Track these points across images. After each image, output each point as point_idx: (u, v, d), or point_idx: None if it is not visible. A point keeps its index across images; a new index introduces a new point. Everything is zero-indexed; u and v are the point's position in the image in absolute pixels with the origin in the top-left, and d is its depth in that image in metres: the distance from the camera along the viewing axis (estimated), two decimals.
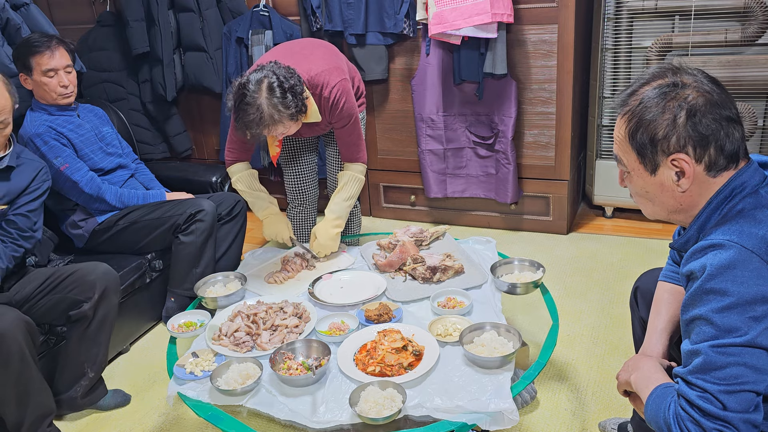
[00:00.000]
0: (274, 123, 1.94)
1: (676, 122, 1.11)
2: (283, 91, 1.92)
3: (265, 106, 1.90)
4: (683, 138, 1.11)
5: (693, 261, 1.11)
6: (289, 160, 2.55)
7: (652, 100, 1.13)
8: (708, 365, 1.05)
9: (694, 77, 1.14)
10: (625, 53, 3.03)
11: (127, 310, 2.51)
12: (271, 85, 1.91)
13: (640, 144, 1.15)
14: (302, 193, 2.62)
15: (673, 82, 1.13)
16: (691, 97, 1.11)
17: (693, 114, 1.10)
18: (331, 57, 2.25)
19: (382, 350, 1.60)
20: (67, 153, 2.47)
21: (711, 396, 1.04)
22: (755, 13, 2.72)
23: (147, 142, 3.79)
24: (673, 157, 1.12)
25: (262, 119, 1.91)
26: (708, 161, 1.12)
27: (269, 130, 1.96)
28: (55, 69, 2.42)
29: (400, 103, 3.35)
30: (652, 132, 1.13)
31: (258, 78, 1.92)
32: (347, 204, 2.29)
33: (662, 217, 1.24)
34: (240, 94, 1.92)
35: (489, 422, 1.41)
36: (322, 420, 1.44)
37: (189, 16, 3.49)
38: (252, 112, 1.90)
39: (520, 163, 3.21)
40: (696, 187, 1.15)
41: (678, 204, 1.18)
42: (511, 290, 1.90)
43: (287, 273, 2.15)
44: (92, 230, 2.55)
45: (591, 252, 3.05)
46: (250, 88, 1.90)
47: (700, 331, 1.07)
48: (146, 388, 2.31)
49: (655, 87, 1.15)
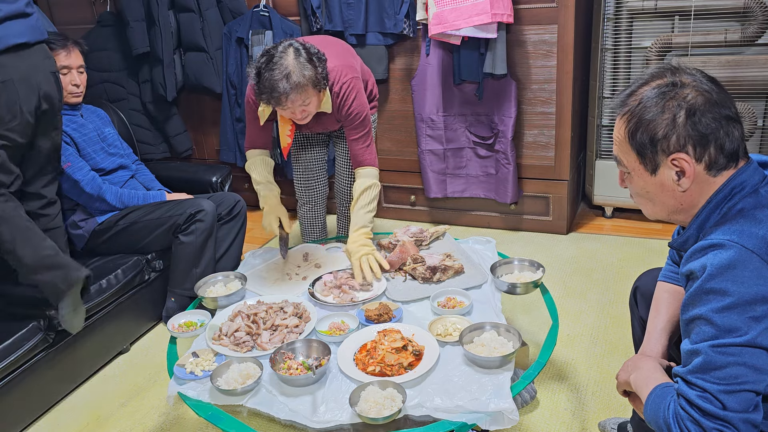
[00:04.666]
0: (300, 86, 1.92)
1: (676, 122, 1.11)
2: (309, 55, 1.96)
3: (292, 66, 1.91)
4: (683, 137, 1.11)
5: (693, 261, 1.11)
6: (299, 153, 2.54)
7: (652, 100, 1.13)
8: (708, 365, 1.05)
9: (692, 77, 1.14)
10: (625, 53, 3.03)
11: (127, 309, 2.52)
12: (297, 50, 1.95)
13: (640, 144, 1.15)
14: (310, 189, 2.61)
15: (672, 81, 1.14)
16: (690, 96, 1.11)
17: (692, 113, 1.10)
18: (345, 55, 2.25)
19: (382, 350, 1.61)
20: (70, 152, 2.48)
21: (711, 396, 1.04)
22: (755, 13, 2.72)
23: (147, 142, 3.79)
24: (674, 156, 1.12)
25: (289, 78, 1.90)
26: (708, 160, 1.12)
27: (295, 93, 1.92)
28: (69, 67, 2.47)
29: (400, 103, 3.35)
30: (652, 132, 1.13)
31: (284, 44, 1.95)
32: (367, 211, 2.19)
33: (663, 218, 1.24)
34: (267, 57, 1.93)
35: (489, 422, 1.41)
36: (322, 420, 1.44)
37: (189, 16, 3.49)
38: (279, 71, 1.89)
39: (520, 163, 3.21)
40: (696, 186, 1.15)
41: (678, 204, 1.18)
42: (511, 290, 1.90)
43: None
44: (92, 230, 2.55)
45: (591, 252, 3.05)
46: (278, 49, 1.93)
47: (700, 330, 1.07)
48: (146, 388, 2.31)
49: (654, 87, 1.15)
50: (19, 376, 2.08)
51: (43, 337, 2.14)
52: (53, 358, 2.19)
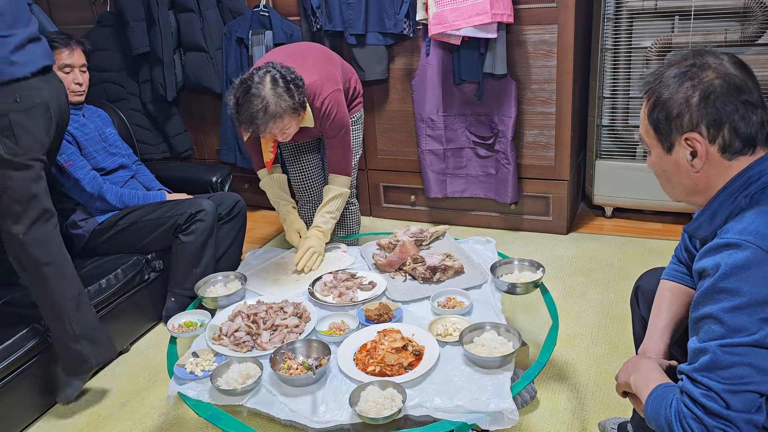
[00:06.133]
0: (278, 116, 1.95)
1: (690, 101, 1.12)
2: (286, 82, 1.97)
3: (270, 97, 1.93)
4: (696, 117, 1.12)
5: (706, 258, 1.10)
6: (293, 161, 2.56)
7: (671, 78, 1.15)
8: (714, 364, 1.05)
9: (718, 60, 1.14)
10: (625, 53, 3.03)
11: (127, 309, 2.52)
12: (275, 78, 1.95)
13: (657, 121, 1.17)
14: (308, 191, 2.64)
15: (693, 63, 1.15)
16: (708, 78, 1.12)
17: (707, 95, 1.11)
18: (323, 64, 2.26)
19: (382, 350, 1.61)
20: (72, 150, 2.49)
21: (715, 394, 1.04)
22: (755, 13, 2.72)
23: (147, 142, 3.79)
24: (687, 135, 1.13)
25: (267, 109, 1.92)
26: (722, 143, 1.12)
27: (273, 123, 1.96)
28: (72, 66, 2.49)
29: (400, 103, 3.35)
30: (668, 110, 1.14)
31: (261, 72, 1.96)
32: (331, 217, 2.32)
33: (682, 199, 1.25)
34: (244, 87, 1.94)
35: (489, 422, 1.41)
36: (322, 420, 1.44)
37: (189, 16, 3.49)
38: (257, 103, 1.92)
39: (520, 163, 3.21)
40: (711, 168, 1.15)
41: (694, 185, 1.19)
42: (511, 290, 1.90)
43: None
44: (92, 230, 2.55)
45: (591, 252, 3.05)
46: (255, 80, 1.94)
47: (709, 329, 1.07)
48: (146, 388, 2.31)
49: (676, 67, 1.16)
50: (19, 376, 2.08)
51: (42, 339, 2.14)
52: (53, 359, 2.19)
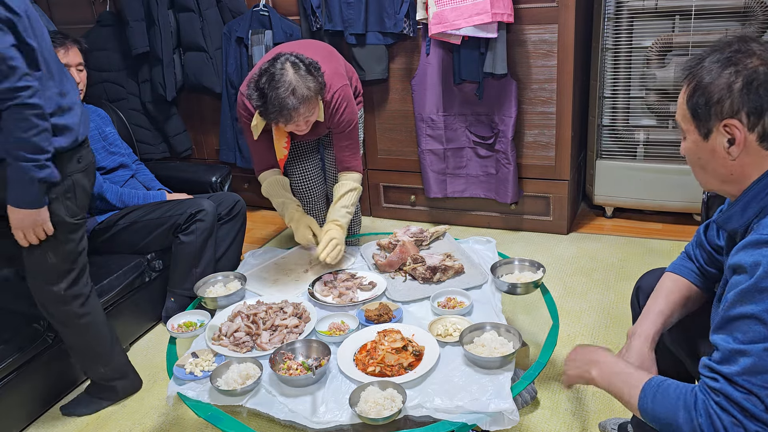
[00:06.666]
0: (307, 98, 1.92)
1: (732, 87, 1.09)
2: (306, 66, 1.95)
3: (295, 81, 1.90)
4: (737, 104, 1.09)
5: (743, 253, 1.07)
6: (294, 162, 2.56)
7: (714, 64, 1.12)
8: (758, 368, 1.01)
9: (762, 47, 1.12)
10: (626, 53, 3.02)
11: (127, 310, 2.52)
12: (295, 63, 1.94)
13: (696, 106, 1.14)
14: (309, 192, 2.63)
15: (738, 48, 1.12)
16: (752, 64, 1.10)
17: (750, 81, 1.09)
18: (330, 60, 2.25)
19: (382, 350, 1.60)
20: None
21: (757, 399, 1.01)
22: (755, 13, 2.71)
23: (147, 142, 3.79)
24: (726, 122, 1.11)
25: (295, 92, 1.90)
26: (761, 131, 1.10)
27: (303, 106, 1.93)
28: (68, 65, 2.46)
29: (400, 103, 3.35)
30: (708, 95, 1.12)
31: (280, 60, 1.94)
32: (347, 211, 2.25)
33: (715, 187, 1.22)
34: (268, 77, 1.91)
35: (489, 422, 1.41)
36: (322, 420, 1.44)
37: (189, 16, 3.49)
38: (285, 88, 1.89)
39: (520, 163, 3.21)
40: (748, 157, 1.12)
41: (729, 173, 1.16)
42: (511, 290, 1.90)
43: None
44: (92, 230, 2.55)
45: (591, 252, 3.05)
46: (277, 66, 1.92)
47: (749, 330, 1.03)
48: (146, 388, 2.31)
49: (719, 52, 1.14)
50: (19, 376, 2.08)
51: (43, 338, 2.14)
52: (53, 359, 2.19)
